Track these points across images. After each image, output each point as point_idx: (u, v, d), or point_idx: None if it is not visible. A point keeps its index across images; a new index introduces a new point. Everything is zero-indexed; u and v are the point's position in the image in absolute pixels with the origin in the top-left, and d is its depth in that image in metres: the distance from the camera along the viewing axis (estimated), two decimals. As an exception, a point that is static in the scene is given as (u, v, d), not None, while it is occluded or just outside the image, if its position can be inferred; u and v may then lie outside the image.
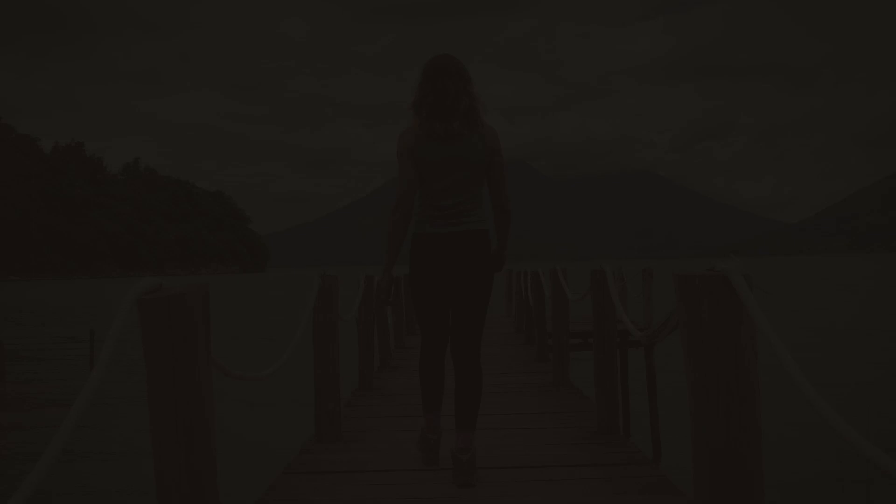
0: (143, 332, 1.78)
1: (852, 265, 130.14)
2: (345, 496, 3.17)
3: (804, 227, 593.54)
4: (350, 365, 6.48)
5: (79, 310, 42.42)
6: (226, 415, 10.34)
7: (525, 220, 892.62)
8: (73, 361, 17.96)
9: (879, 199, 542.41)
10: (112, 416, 10.61)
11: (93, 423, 10.01)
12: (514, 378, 6.67)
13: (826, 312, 28.03)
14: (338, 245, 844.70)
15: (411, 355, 8.60)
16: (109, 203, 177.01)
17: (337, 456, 3.87)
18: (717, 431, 1.81)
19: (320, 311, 4.19)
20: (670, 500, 2.99)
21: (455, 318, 3.39)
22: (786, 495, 6.59)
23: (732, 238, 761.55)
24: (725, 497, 1.81)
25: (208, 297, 1.88)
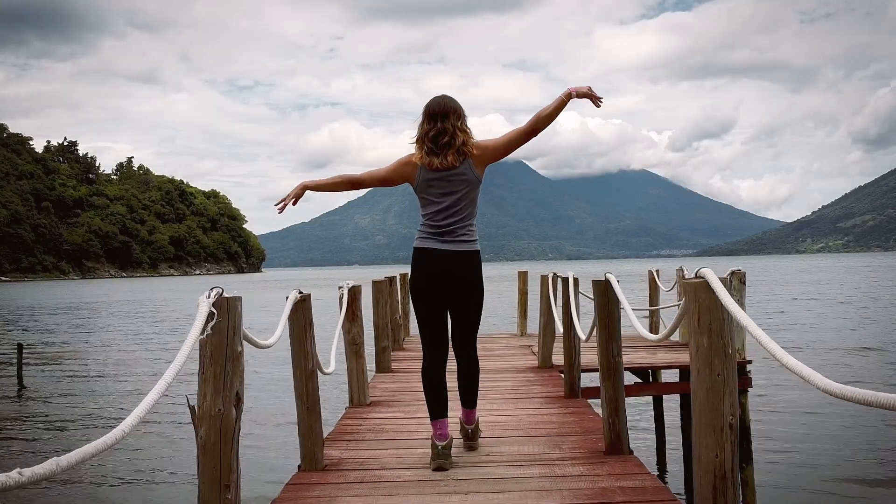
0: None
1: (850, 264, 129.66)
2: None
3: (802, 226, 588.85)
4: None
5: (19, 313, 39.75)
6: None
7: (524, 219, 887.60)
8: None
9: (877, 199, 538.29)
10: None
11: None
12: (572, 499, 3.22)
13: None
14: (335, 245, 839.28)
15: (366, 433, 5.71)
16: (102, 203, 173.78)
17: None
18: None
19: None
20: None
21: (453, 326, 3.98)
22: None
23: (731, 237, 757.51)
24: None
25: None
